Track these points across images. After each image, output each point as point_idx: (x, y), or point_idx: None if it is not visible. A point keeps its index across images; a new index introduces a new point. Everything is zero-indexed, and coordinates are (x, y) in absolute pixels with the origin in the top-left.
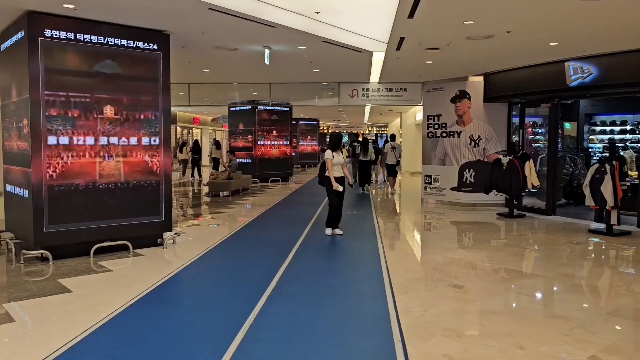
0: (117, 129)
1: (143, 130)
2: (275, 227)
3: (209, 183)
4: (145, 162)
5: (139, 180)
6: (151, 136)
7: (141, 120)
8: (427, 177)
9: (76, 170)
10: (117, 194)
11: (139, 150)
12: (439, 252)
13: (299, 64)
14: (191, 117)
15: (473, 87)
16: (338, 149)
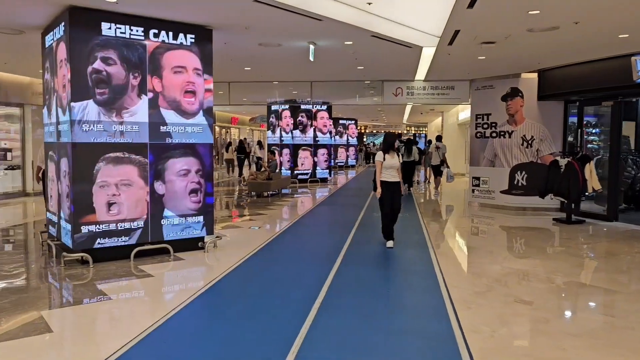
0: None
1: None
2: (318, 231)
3: (249, 183)
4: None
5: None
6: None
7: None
8: (475, 179)
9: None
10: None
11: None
12: (496, 261)
13: (343, 61)
14: (229, 116)
15: (526, 85)
16: (392, 150)
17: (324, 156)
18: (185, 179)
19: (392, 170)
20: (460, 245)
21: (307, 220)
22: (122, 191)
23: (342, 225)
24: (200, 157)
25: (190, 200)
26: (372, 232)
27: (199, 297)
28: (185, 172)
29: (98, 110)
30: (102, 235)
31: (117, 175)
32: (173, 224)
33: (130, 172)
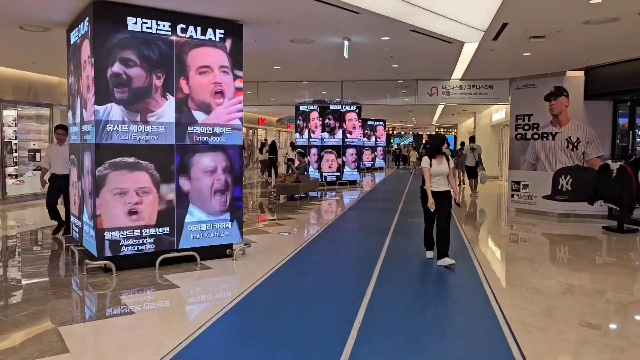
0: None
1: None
2: (351, 238)
3: (277, 186)
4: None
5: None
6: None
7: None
8: (515, 184)
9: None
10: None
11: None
12: (549, 275)
13: (377, 58)
14: (256, 117)
15: (571, 83)
16: (439, 154)
17: (352, 156)
18: (212, 182)
19: (440, 178)
20: (505, 256)
21: (339, 226)
22: (143, 197)
23: (376, 232)
24: (229, 159)
25: (218, 205)
26: (408, 240)
27: (226, 314)
28: (212, 175)
29: (121, 111)
30: (126, 241)
31: (135, 182)
32: (200, 230)
33: (149, 177)
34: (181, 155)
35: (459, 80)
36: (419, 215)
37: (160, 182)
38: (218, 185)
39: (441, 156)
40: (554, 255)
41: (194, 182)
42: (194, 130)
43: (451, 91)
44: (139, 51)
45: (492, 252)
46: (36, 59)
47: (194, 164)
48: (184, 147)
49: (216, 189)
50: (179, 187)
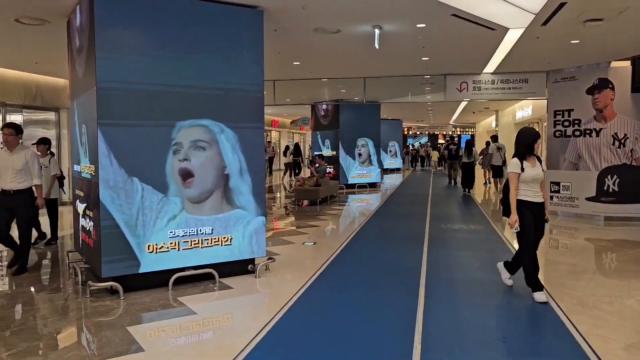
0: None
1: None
2: (384, 248)
3: (296, 190)
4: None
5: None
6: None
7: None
8: (555, 185)
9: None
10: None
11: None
12: (625, 293)
13: (408, 50)
14: (270, 119)
15: (617, 75)
16: (531, 154)
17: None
18: (228, 188)
19: (534, 185)
20: (566, 270)
21: (366, 234)
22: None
23: (410, 241)
24: (249, 164)
25: (238, 215)
26: (448, 250)
27: (253, 353)
28: (226, 181)
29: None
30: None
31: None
32: (218, 243)
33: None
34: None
35: (491, 74)
36: (452, 221)
37: (163, 187)
38: (235, 193)
39: (533, 157)
40: (620, 266)
41: (206, 186)
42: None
43: (482, 86)
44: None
45: (549, 264)
46: (39, 58)
47: (203, 166)
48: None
49: (232, 198)
50: (189, 192)
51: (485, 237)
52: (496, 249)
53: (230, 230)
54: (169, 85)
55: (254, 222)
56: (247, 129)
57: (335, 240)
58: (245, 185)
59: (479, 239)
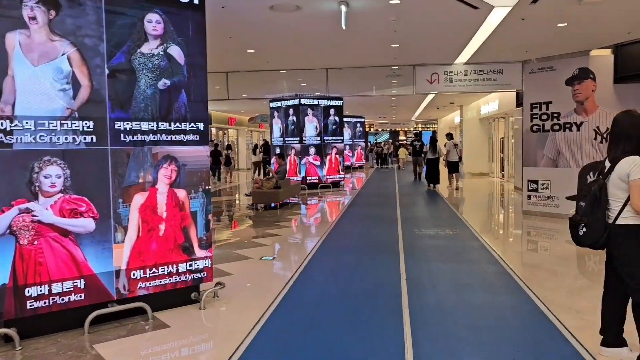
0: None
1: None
2: (354, 262)
3: (253, 193)
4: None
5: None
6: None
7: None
8: (532, 183)
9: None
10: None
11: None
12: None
13: (377, 34)
14: (227, 117)
15: (598, 64)
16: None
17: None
18: (164, 201)
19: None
20: (562, 279)
21: (334, 244)
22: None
23: (384, 252)
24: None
25: (177, 231)
26: (428, 262)
27: None
28: (163, 192)
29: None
30: (36, 292)
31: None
32: (151, 268)
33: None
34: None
35: (464, 64)
36: (426, 225)
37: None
38: (174, 205)
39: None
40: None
41: (135, 200)
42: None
43: (454, 77)
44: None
45: (542, 274)
46: None
47: (130, 173)
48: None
49: (170, 211)
50: (115, 207)
51: (466, 245)
52: (481, 259)
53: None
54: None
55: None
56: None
57: (298, 252)
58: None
59: (460, 246)
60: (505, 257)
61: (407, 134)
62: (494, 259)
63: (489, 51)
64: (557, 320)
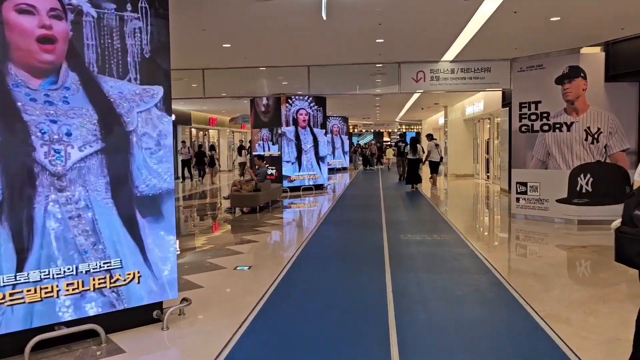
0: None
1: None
2: (337, 272)
3: (231, 196)
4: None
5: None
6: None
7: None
8: (521, 185)
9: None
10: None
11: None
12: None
13: (361, 27)
14: (207, 117)
15: (589, 62)
16: None
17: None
18: (110, 202)
19: None
20: (562, 292)
21: (315, 252)
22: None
23: (368, 261)
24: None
25: (132, 241)
26: (416, 272)
27: None
28: (109, 192)
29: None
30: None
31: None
32: (106, 284)
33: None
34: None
35: (450, 62)
36: (412, 229)
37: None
38: (125, 208)
39: None
40: (607, 280)
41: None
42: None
43: (441, 76)
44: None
45: (543, 290)
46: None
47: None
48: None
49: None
50: (47, 211)
51: (454, 252)
52: (472, 268)
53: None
54: None
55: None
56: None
57: (276, 261)
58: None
59: (449, 254)
60: (497, 266)
61: (390, 135)
62: (486, 267)
63: (477, 48)
64: (560, 340)
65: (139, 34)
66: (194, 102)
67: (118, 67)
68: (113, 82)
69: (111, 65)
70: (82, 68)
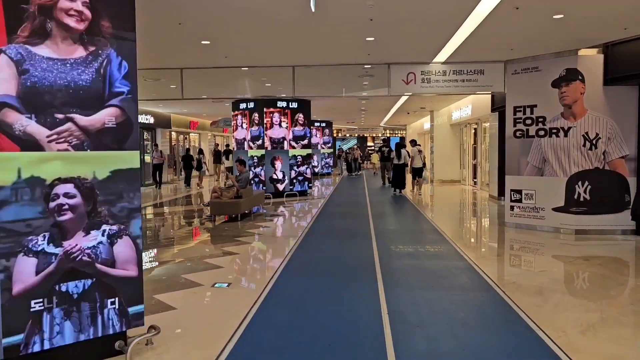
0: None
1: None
2: (325, 290)
3: (211, 204)
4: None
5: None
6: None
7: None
8: (515, 193)
9: None
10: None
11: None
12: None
13: (351, 21)
14: (187, 120)
15: (587, 64)
16: None
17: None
18: (66, 216)
19: None
20: (574, 313)
21: (301, 265)
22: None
23: (359, 276)
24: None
25: (94, 262)
26: (412, 290)
27: None
28: (66, 204)
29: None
30: None
31: None
32: (60, 312)
33: None
34: None
35: (442, 64)
36: (402, 239)
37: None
38: (85, 222)
39: None
40: (601, 291)
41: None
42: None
43: (432, 78)
44: None
45: (553, 311)
46: None
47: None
48: None
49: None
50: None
51: (451, 265)
52: (472, 284)
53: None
54: None
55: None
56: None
57: (258, 277)
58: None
59: (445, 268)
60: (498, 282)
61: (374, 140)
62: (487, 284)
63: (471, 49)
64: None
65: None
66: (173, 104)
67: None
68: None
69: None
70: None
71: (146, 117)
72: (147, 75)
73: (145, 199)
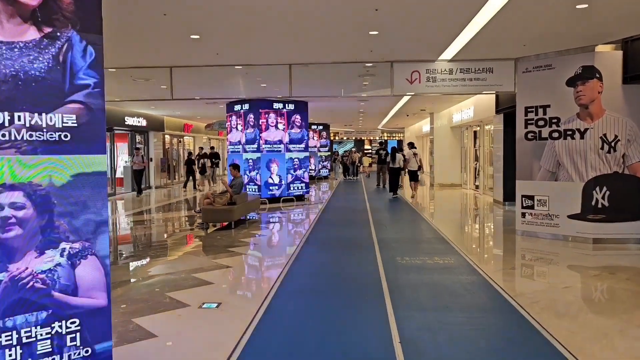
0: None
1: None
2: (327, 311)
3: (203, 210)
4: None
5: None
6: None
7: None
8: (527, 199)
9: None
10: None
11: None
12: None
13: (354, 13)
14: (181, 123)
15: (604, 62)
16: None
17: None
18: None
19: None
20: (614, 340)
21: (300, 281)
22: None
23: (364, 295)
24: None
25: (49, 290)
26: (425, 311)
27: None
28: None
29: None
30: None
31: None
32: (3, 355)
33: None
34: None
35: (448, 62)
36: (409, 251)
37: None
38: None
39: None
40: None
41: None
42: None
43: (438, 77)
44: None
45: (592, 339)
46: None
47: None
48: None
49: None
50: None
51: (465, 280)
52: (493, 305)
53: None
54: None
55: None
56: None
57: (252, 295)
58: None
59: (458, 283)
60: (520, 301)
61: (372, 143)
62: (507, 303)
63: (481, 44)
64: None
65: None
66: (166, 106)
67: None
68: None
69: None
70: None
71: (138, 119)
72: (135, 74)
73: (134, 205)
